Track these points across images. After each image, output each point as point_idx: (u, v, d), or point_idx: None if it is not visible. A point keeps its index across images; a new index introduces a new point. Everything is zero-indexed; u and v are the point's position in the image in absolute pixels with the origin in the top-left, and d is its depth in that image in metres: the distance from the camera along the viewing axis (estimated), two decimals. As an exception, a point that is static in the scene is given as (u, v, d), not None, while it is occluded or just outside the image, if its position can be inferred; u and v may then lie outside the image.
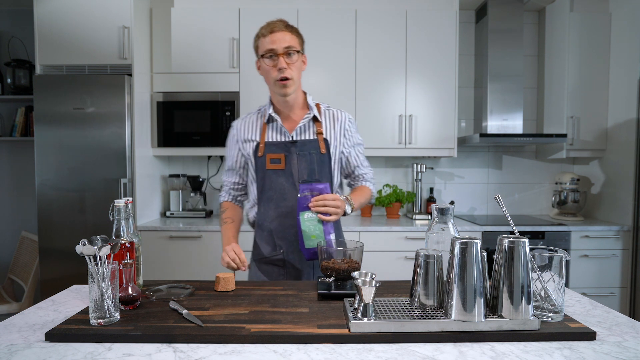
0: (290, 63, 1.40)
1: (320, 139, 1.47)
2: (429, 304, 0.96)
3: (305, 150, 1.44)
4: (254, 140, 1.49)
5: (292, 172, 1.44)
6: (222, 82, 2.84)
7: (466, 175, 3.30)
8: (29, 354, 0.82)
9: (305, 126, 1.48)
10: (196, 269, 2.64)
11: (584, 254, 2.71)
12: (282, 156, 1.44)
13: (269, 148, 1.45)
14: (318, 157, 1.45)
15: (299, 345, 0.86)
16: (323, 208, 1.32)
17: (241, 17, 2.81)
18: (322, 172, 1.46)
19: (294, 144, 1.45)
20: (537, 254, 0.98)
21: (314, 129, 1.48)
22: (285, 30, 1.39)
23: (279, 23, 1.40)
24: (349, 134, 1.54)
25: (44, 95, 2.57)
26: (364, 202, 1.54)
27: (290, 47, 1.39)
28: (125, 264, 1.01)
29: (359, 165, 1.59)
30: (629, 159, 2.74)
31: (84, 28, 2.63)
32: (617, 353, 0.83)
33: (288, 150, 1.44)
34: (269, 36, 1.38)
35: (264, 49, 1.40)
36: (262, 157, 1.45)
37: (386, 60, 2.85)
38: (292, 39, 1.40)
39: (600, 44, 2.91)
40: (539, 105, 3.26)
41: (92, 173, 2.60)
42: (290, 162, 1.43)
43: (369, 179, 1.62)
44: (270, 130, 1.48)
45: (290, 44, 1.39)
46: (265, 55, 1.40)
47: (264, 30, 1.40)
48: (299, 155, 1.44)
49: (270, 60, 1.40)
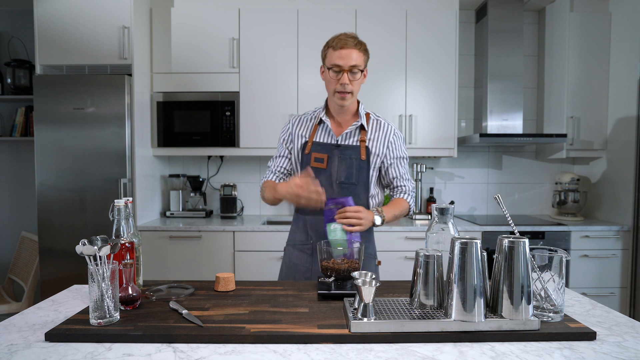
0: (353, 80, 1.47)
1: (362, 146, 1.54)
2: (429, 304, 0.96)
3: (346, 155, 1.52)
4: (304, 137, 1.59)
5: (332, 172, 1.52)
6: (222, 82, 2.83)
7: (466, 175, 3.30)
8: (29, 354, 0.82)
9: (352, 132, 1.56)
10: (196, 269, 2.64)
11: (584, 254, 2.71)
12: (326, 157, 1.52)
13: (316, 147, 1.55)
14: (357, 162, 1.53)
15: (299, 345, 0.86)
16: (346, 220, 1.38)
17: (241, 17, 2.81)
18: (360, 177, 1.53)
19: (338, 147, 1.54)
20: (537, 254, 0.98)
21: (358, 136, 1.56)
22: (354, 48, 1.45)
23: (350, 40, 1.45)
24: (392, 146, 1.59)
25: (44, 95, 2.57)
26: (399, 214, 1.58)
27: (356, 66, 1.45)
28: (125, 264, 1.01)
29: (398, 177, 1.62)
30: (629, 159, 2.74)
31: (84, 28, 2.63)
32: (617, 353, 0.83)
33: (331, 152, 1.53)
34: (339, 51, 1.45)
35: (331, 62, 1.47)
36: (308, 155, 1.55)
37: (386, 60, 2.85)
38: (358, 57, 1.46)
39: (600, 44, 2.91)
40: (539, 105, 3.26)
41: (92, 173, 2.59)
42: (332, 163, 1.52)
43: (408, 191, 1.65)
44: (320, 131, 1.58)
45: (356, 62, 1.45)
46: (331, 68, 1.47)
47: (334, 43, 1.47)
48: (340, 158, 1.52)
49: (334, 74, 1.47)
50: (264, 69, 2.81)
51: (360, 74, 1.49)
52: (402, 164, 1.63)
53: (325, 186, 1.47)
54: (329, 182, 1.51)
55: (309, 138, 1.58)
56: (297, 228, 1.61)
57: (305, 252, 1.58)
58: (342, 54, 1.44)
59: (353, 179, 1.52)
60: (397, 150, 1.60)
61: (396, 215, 1.57)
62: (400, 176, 1.62)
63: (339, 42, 1.46)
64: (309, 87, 2.83)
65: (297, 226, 1.62)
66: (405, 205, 1.61)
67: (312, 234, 1.56)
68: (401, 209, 1.59)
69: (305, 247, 1.58)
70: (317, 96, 2.79)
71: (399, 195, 1.64)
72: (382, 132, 1.58)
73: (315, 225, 1.54)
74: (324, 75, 1.56)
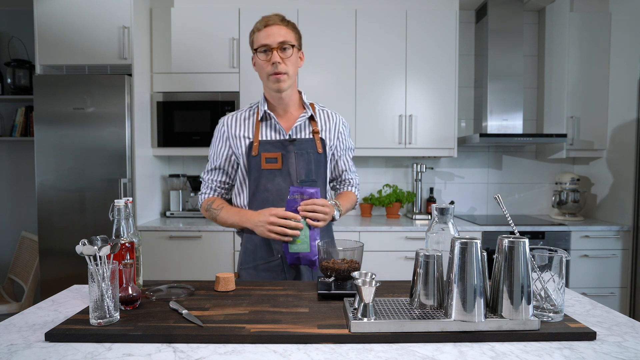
0: (285, 57, 1.35)
1: (316, 138, 1.43)
2: (429, 304, 0.96)
3: (303, 150, 1.39)
4: (247, 137, 1.41)
5: (290, 171, 1.38)
6: (222, 82, 2.84)
7: (466, 175, 3.30)
8: (29, 354, 0.82)
9: (302, 125, 1.44)
10: (196, 269, 2.64)
11: (584, 254, 2.71)
12: (279, 155, 1.37)
13: (264, 147, 1.39)
14: (315, 157, 1.41)
15: (299, 345, 0.86)
16: (312, 214, 1.28)
17: (241, 17, 2.81)
18: (318, 172, 1.42)
19: (292, 143, 1.39)
20: (537, 254, 0.98)
21: (310, 129, 1.44)
22: (280, 24, 1.35)
23: (274, 17, 1.36)
24: (342, 137, 1.51)
25: (44, 95, 2.57)
26: (350, 207, 1.51)
27: (285, 42, 1.35)
28: (125, 264, 1.01)
29: (347, 170, 1.57)
30: (629, 159, 2.74)
31: (84, 28, 2.63)
32: (617, 353, 0.83)
33: (285, 149, 1.39)
34: (264, 30, 1.35)
35: (258, 43, 1.36)
36: (256, 157, 1.38)
37: (386, 60, 2.85)
38: (287, 33, 1.36)
39: (600, 44, 2.91)
40: (539, 105, 3.26)
41: (92, 173, 2.59)
42: (288, 162, 1.38)
43: (355, 184, 1.60)
44: (265, 128, 1.42)
45: (285, 38, 1.35)
46: (259, 49, 1.36)
47: (258, 24, 1.37)
48: (297, 155, 1.39)
49: (264, 55, 1.35)
50: (264, 69, 2.81)
51: (293, 51, 1.36)
52: (350, 156, 1.57)
53: (284, 188, 1.38)
54: (288, 182, 1.38)
55: (253, 138, 1.40)
56: (254, 245, 1.42)
57: (273, 271, 1.41)
58: (269, 32, 1.34)
59: (313, 175, 1.40)
60: (346, 141, 1.53)
61: (348, 209, 1.49)
62: (349, 169, 1.57)
63: (263, 21, 1.36)
64: (309, 87, 2.83)
65: (253, 244, 1.43)
66: (355, 199, 1.56)
67: (277, 247, 1.39)
68: (352, 203, 1.53)
69: (272, 264, 1.40)
70: (317, 96, 2.79)
71: (346, 188, 1.58)
72: (332, 123, 1.48)
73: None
74: (256, 63, 1.41)
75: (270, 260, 1.41)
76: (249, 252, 1.44)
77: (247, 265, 1.44)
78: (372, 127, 2.87)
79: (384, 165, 3.27)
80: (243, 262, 1.45)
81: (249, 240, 1.44)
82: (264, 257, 1.42)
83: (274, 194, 1.39)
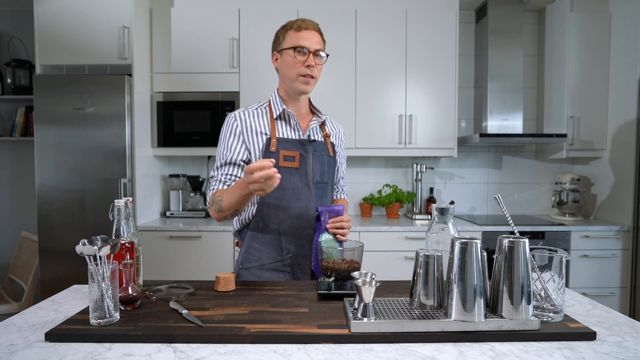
0: (318, 64, 1.40)
1: (328, 142, 1.47)
2: (429, 304, 0.96)
3: (318, 151, 1.41)
4: (264, 133, 1.39)
5: (307, 171, 1.38)
6: (222, 82, 2.84)
7: (466, 175, 3.30)
8: (29, 354, 0.82)
9: (316, 128, 1.47)
10: (196, 269, 2.64)
11: (584, 254, 2.71)
12: (297, 154, 1.37)
13: (282, 144, 1.37)
14: (328, 160, 1.44)
15: (299, 345, 0.86)
16: (340, 230, 1.32)
17: (241, 17, 2.81)
18: (329, 175, 1.45)
19: (311, 143, 1.40)
20: (537, 254, 0.98)
21: (322, 132, 1.48)
22: (316, 32, 1.39)
23: (312, 22, 1.39)
24: (343, 145, 1.60)
25: (44, 95, 2.57)
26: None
27: (321, 50, 1.39)
28: (125, 264, 1.01)
29: (342, 177, 1.64)
30: (629, 159, 2.74)
31: (84, 28, 2.63)
32: (617, 353, 0.83)
33: (304, 149, 1.39)
34: (303, 32, 1.36)
35: (294, 42, 1.36)
36: (274, 153, 1.35)
37: (386, 60, 2.85)
38: (320, 41, 1.40)
39: (600, 44, 2.91)
40: (539, 105, 3.25)
41: (92, 173, 2.60)
42: (305, 162, 1.38)
43: (345, 190, 1.68)
44: (281, 126, 1.41)
45: (320, 46, 1.40)
46: (296, 48, 1.35)
47: (295, 24, 1.38)
48: (314, 155, 1.40)
49: (300, 55, 1.36)
50: (264, 69, 2.81)
51: (323, 60, 1.41)
52: (345, 164, 1.65)
53: (300, 187, 1.37)
54: (304, 182, 1.37)
55: (271, 134, 1.38)
56: (263, 245, 1.39)
57: (281, 271, 1.39)
58: (307, 35, 1.35)
59: (326, 177, 1.43)
60: (344, 151, 1.62)
61: None
62: (343, 176, 1.64)
63: (302, 24, 1.37)
64: (309, 87, 2.83)
65: (261, 243, 1.39)
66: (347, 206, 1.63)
67: (288, 247, 1.37)
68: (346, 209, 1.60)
69: (281, 264, 1.38)
70: (317, 96, 2.80)
71: (340, 195, 1.66)
72: (336, 130, 1.56)
73: (295, 234, 1.37)
74: (282, 60, 1.40)
75: (280, 259, 1.39)
76: (254, 250, 1.40)
77: (250, 265, 1.40)
78: (372, 127, 2.87)
79: (384, 165, 3.27)
80: (244, 261, 1.42)
81: (255, 238, 1.40)
82: (272, 257, 1.39)
83: (290, 193, 1.37)
